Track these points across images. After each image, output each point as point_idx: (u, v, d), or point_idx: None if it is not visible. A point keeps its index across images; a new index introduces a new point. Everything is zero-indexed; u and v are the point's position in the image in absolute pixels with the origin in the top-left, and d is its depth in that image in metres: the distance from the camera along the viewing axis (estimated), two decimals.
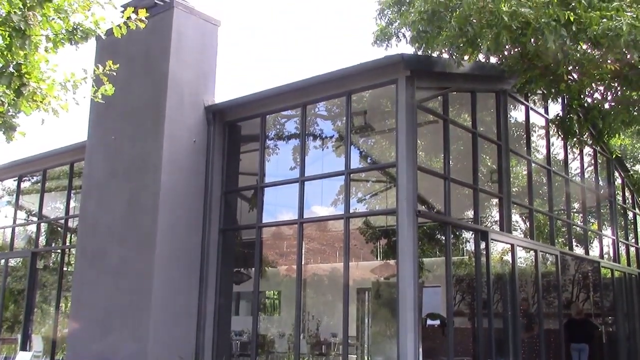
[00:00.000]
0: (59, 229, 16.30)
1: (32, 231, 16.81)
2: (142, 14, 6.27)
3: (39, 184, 16.55)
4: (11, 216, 17.45)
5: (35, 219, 16.76)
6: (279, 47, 41.80)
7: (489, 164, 13.10)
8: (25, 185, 17.53)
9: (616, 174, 17.87)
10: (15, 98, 5.87)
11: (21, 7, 5.61)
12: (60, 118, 6.24)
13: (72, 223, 15.37)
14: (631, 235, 18.64)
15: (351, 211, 10.71)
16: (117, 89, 6.87)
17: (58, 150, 15.20)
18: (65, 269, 15.10)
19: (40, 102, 6.01)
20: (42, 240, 16.73)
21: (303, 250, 11.16)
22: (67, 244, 15.43)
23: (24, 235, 17.55)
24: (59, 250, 15.61)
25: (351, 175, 10.85)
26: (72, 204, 15.45)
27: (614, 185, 17.59)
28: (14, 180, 17.41)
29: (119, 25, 6.20)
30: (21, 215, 17.66)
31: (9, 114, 6.05)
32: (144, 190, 11.42)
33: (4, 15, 5.59)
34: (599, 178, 17.00)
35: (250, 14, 40.64)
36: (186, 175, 11.56)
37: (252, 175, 12.42)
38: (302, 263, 11.07)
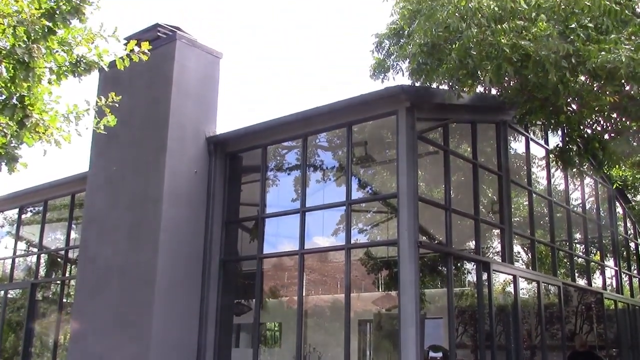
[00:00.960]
0: (59, 260, 16.24)
1: (32, 262, 16.74)
2: (145, 46, 6.33)
3: (40, 215, 16.53)
4: (11, 247, 17.40)
5: (35, 249, 16.71)
6: (280, 78, 42.13)
7: (489, 194, 13.10)
8: (26, 215, 17.51)
9: (617, 204, 17.85)
10: (18, 129, 5.89)
11: (25, 40, 5.66)
12: (62, 149, 6.27)
13: (72, 254, 15.31)
14: (634, 266, 18.55)
15: (352, 242, 10.68)
16: (119, 120, 6.90)
17: (59, 181, 15.23)
18: (64, 300, 15.01)
19: (43, 133, 6.04)
20: (42, 271, 16.65)
21: (304, 282, 11.10)
22: (67, 275, 15.36)
23: (23, 267, 17.47)
24: (58, 282, 15.53)
25: (352, 206, 10.84)
26: (72, 235, 15.41)
27: (615, 216, 17.55)
28: (15, 211, 17.40)
29: (121, 58, 6.25)
30: (21, 246, 17.61)
31: (12, 145, 6.07)
32: (145, 222, 11.40)
33: (8, 47, 5.64)
34: (600, 209, 16.98)
35: (251, 46, 41.07)
36: (187, 206, 11.55)
37: (253, 206, 12.41)
38: (303, 294, 11.00)
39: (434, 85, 11.29)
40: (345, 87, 40.43)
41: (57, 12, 5.70)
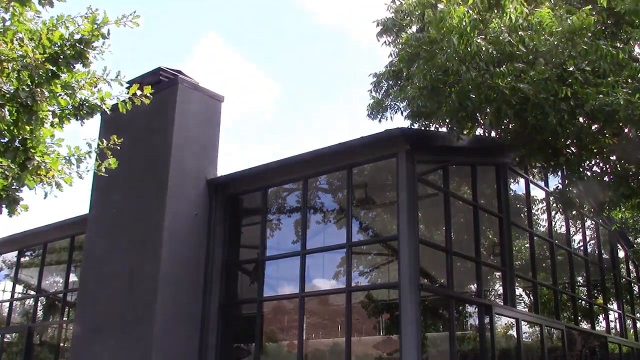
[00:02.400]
0: (57, 303, 16.08)
1: (30, 305, 16.57)
2: (147, 90, 6.37)
3: (39, 257, 16.43)
4: (9, 290, 17.25)
5: (33, 292, 16.56)
6: (281, 119, 42.42)
7: (490, 236, 13.05)
8: (25, 259, 17.39)
9: (619, 246, 17.77)
10: (19, 172, 5.90)
11: (29, 83, 5.71)
12: (63, 191, 6.25)
13: (70, 297, 15.16)
14: (638, 309, 18.37)
15: (353, 284, 10.61)
16: (120, 162, 6.91)
17: (59, 223, 15.18)
18: (62, 344, 14.80)
19: (44, 176, 6.04)
20: (40, 314, 16.47)
21: (304, 325, 10.98)
22: (65, 318, 15.19)
23: (21, 310, 17.30)
24: (56, 325, 15.35)
25: (352, 248, 10.80)
26: (71, 277, 15.29)
27: (617, 258, 17.46)
28: (15, 254, 17.30)
29: (124, 101, 6.29)
30: (20, 289, 17.46)
31: (13, 187, 6.06)
32: (145, 265, 11.34)
33: (12, 91, 5.68)
34: (602, 251, 16.90)
35: (252, 88, 41.49)
36: (187, 249, 11.50)
37: (253, 248, 12.35)
38: (304, 338, 10.87)
39: (433, 127, 11.37)
40: (342, 125, 40.79)
41: (61, 56, 5.76)
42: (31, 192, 6.13)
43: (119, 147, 6.63)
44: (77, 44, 5.80)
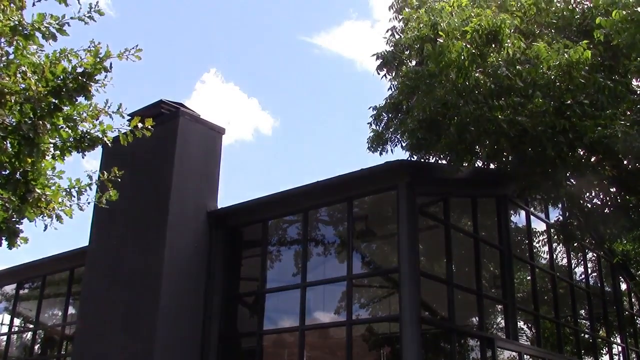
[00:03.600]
0: (56, 337, 15.94)
1: (28, 339, 16.42)
2: (149, 123, 6.39)
3: (38, 290, 16.33)
4: (7, 323, 17.10)
5: (31, 325, 16.42)
6: (280, 151, 42.55)
7: (491, 268, 12.99)
8: (24, 291, 17.28)
9: (621, 279, 17.67)
10: (20, 204, 5.89)
11: (31, 116, 5.74)
12: (63, 224, 6.23)
13: (69, 330, 15.04)
14: None
15: (353, 317, 10.53)
16: (121, 194, 6.90)
17: (58, 255, 15.13)
18: None
19: (45, 208, 6.03)
20: (38, 348, 16.31)
21: (305, 359, 10.86)
22: (64, 352, 15.04)
23: (19, 344, 17.14)
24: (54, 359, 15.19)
25: (353, 280, 10.74)
26: (70, 310, 15.18)
27: (619, 290, 17.34)
28: (13, 287, 17.20)
29: (125, 134, 6.31)
30: (18, 322, 17.32)
31: (13, 219, 6.05)
32: (144, 297, 11.27)
33: (14, 124, 5.71)
34: (605, 283, 16.79)
35: (252, 121, 41.72)
36: (187, 281, 11.45)
37: (253, 281, 12.29)
38: None
39: (433, 160, 11.42)
40: (342, 158, 40.90)
41: (64, 89, 5.79)
42: (31, 224, 6.12)
43: (119, 179, 6.63)
44: (80, 77, 5.84)
